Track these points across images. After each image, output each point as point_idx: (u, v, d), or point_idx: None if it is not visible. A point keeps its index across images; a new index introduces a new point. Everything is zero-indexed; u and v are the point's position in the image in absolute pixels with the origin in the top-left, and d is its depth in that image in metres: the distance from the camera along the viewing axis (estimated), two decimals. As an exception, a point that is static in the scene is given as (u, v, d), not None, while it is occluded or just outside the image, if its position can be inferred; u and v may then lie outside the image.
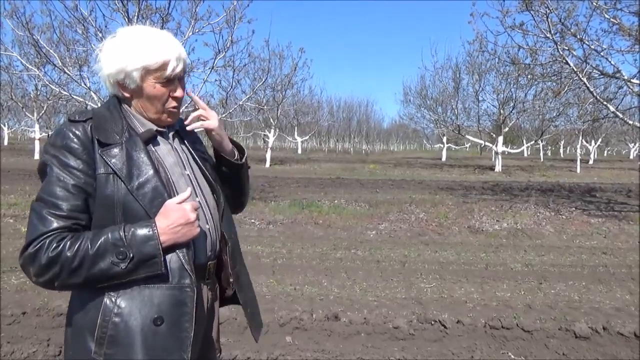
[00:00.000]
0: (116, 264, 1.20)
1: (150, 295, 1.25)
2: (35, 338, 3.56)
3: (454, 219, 8.87)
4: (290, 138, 35.30)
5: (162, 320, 1.25)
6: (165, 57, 1.32)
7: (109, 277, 1.21)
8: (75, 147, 1.27)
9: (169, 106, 1.40)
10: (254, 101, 16.21)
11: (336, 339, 3.76)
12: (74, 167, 1.26)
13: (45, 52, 7.71)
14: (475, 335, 3.88)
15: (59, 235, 1.20)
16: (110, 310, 1.23)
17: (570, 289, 5.13)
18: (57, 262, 1.18)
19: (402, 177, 17.96)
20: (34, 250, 1.19)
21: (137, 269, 1.22)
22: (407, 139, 69.99)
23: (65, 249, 1.19)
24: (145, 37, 1.33)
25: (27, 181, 12.54)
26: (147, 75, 1.33)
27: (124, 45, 1.33)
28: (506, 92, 21.67)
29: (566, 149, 49.39)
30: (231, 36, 8.36)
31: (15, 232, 6.88)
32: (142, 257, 1.22)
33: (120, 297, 1.24)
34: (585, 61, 9.54)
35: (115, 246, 1.20)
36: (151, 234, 1.23)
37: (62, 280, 1.20)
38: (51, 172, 1.26)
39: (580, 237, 7.71)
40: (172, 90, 1.38)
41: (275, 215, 8.77)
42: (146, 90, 1.36)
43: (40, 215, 1.22)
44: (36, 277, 1.22)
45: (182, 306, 1.27)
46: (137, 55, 1.31)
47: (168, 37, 1.37)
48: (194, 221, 1.28)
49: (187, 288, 1.28)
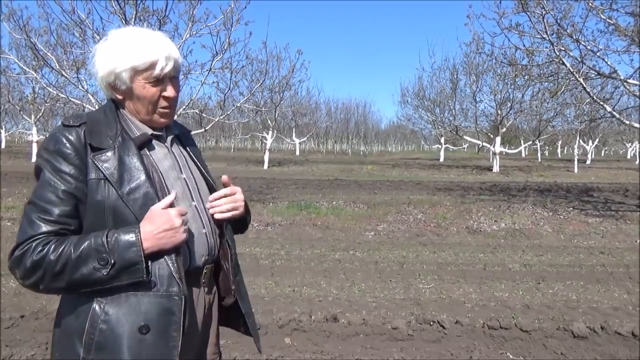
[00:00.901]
0: (98, 269, 1.19)
1: (138, 303, 1.23)
2: (33, 341, 3.56)
3: (452, 219, 8.89)
4: (288, 139, 35.32)
5: (147, 329, 1.22)
6: (153, 57, 1.30)
7: (91, 283, 1.20)
8: (67, 152, 1.26)
9: (160, 106, 1.38)
10: (252, 103, 16.22)
11: (335, 340, 3.76)
12: (65, 172, 1.25)
13: (42, 55, 7.71)
14: (473, 335, 3.88)
15: (45, 239, 1.20)
16: (98, 317, 1.22)
17: (568, 288, 5.15)
18: (40, 266, 1.18)
19: (400, 178, 17.98)
20: (20, 253, 1.20)
21: (119, 275, 1.20)
22: (405, 140, 70.00)
23: (49, 252, 1.18)
24: (134, 38, 1.33)
25: (24, 184, 12.51)
26: (136, 76, 1.32)
27: (113, 47, 1.33)
28: (503, 93, 21.70)
29: (564, 149, 49.45)
30: (228, 38, 8.38)
31: (13, 235, 6.85)
32: (124, 263, 1.20)
33: (108, 304, 1.23)
34: (582, 61, 9.58)
35: (98, 252, 1.19)
36: (134, 240, 1.21)
37: (46, 284, 1.20)
38: (43, 176, 1.26)
39: (578, 237, 7.73)
40: (162, 90, 1.36)
41: (274, 217, 8.77)
42: (136, 91, 1.34)
43: (29, 219, 1.22)
44: (22, 280, 1.22)
45: (170, 315, 1.25)
46: (125, 56, 1.30)
47: (157, 37, 1.36)
48: (178, 227, 1.25)
49: (175, 296, 1.26)
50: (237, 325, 1.60)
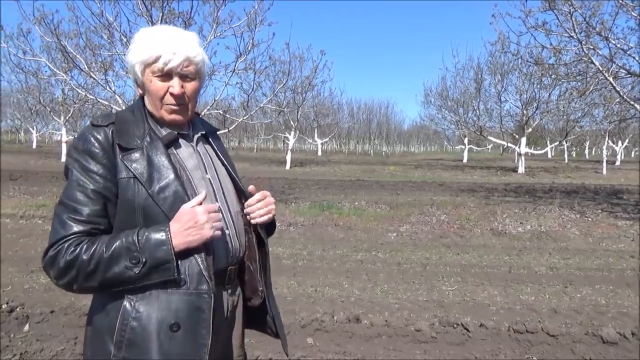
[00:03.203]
0: (129, 268, 1.20)
1: (168, 300, 1.25)
2: (63, 336, 3.65)
3: (476, 221, 8.77)
4: (310, 140, 35.38)
5: (178, 326, 1.24)
6: (158, 51, 1.31)
7: (123, 282, 1.22)
8: (96, 151, 1.28)
9: (167, 102, 1.36)
10: (275, 103, 16.32)
11: (357, 341, 3.75)
12: (94, 172, 1.27)
13: (72, 57, 7.91)
14: (498, 339, 3.82)
15: (77, 239, 1.22)
16: (129, 314, 1.24)
17: (597, 292, 5.02)
18: (74, 266, 1.20)
19: (422, 179, 17.83)
20: (54, 253, 1.22)
21: (150, 274, 1.22)
22: (428, 140, 69.37)
23: (82, 252, 1.20)
24: (148, 34, 1.36)
25: (54, 183, 12.87)
26: (145, 69, 1.34)
27: (134, 44, 1.37)
28: (529, 93, 21.34)
29: (592, 150, 48.32)
30: (252, 39, 8.44)
31: (44, 232, 7.06)
32: (155, 261, 1.22)
33: (139, 302, 1.24)
34: (612, 60, 9.35)
35: (129, 250, 1.21)
36: (164, 239, 1.23)
37: (79, 284, 1.22)
38: (72, 176, 1.28)
39: (606, 240, 7.54)
40: (169, 85, 1.35)
41: (296, 217, 8.80)
42: (146, 85, 1.36)
43: (61, 220, 1.25)
44: (56, 280, 1.24)
45: (199, 312, 1.26)
46: (138, 50, 1.34)
47: (171, 32, 1.36)
48: (204, 223, 1.26)
49: (205, 294, 1.27)
50: (263, 327, 1.61)
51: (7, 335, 3.61)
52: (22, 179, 13.79)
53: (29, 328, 3.76)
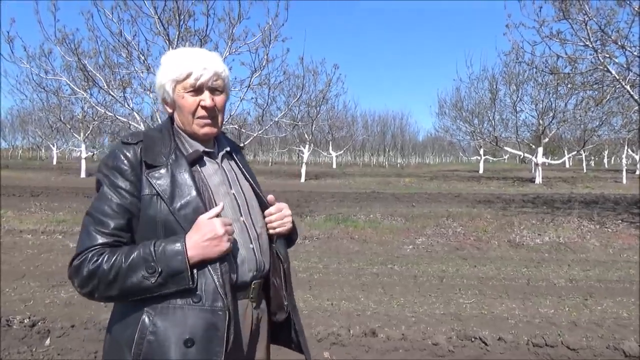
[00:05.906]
0: (146, 277, 1.25)
1: (184, 316, 1.28)
2: (83, 350, 3.70)
3: (493, 232, 8.68)
4: (325, 153, 35.52)
5: (192, 342, 1.26)
6: (189, 68, 1.39)
7: (141, 291, 1.26)
8: (124, 168, 1.35)
9: (198, 116, 1.42)
10: (289, 117, 16.41)
11: (374, 355, 3.73)
12: (121, 188, 1.33)
13: (91, 76, 8.10)
14: (517, 352, 3.77)
15: (100, 249, 1.28)
16: (146, 328, 1.27)
17: (618, 305, 4.92)
18: (95, 275, 1.25)
19: (438, 191, 17.72)
20: (79, 262, 1.28)
21: (166, 283, 1.26)
22: (443, 151, 69.02)
23: (103, 262, 1.25)
24: (177, 54, 1.45)
25: (74, 199, 13.10)
26: (177, 86, 1.42)
27: (162, 66, 1.46)
28: (545, 102, 21.17)
29: (610, 159, 47.50)
30: (267, 55, 8.53)
31: (64, 247, 7.19)
32: (170, 271, 1.25)
33: (157, 316, 1.28)
34: (628, 68, 9.26)
35: (146, 260, 1.25)
36: (179, 249, 1.27)
37: (101, 292, 1.28)
38: (102, 190, 1.35)
39: (627, 251, 7.39)
40: (201, 100, 1.42)
41: (311, 230, 8.81)
42: (178, 102, 1.43)
43: (87, 231, 1.31)
44: (80, 289, 1.30)
45: (213, 329, 1.28)
46: (168, 69, 1.43)
47: (198, 52, 1.45)
48: (221, 235, 1.29)
49: (220, 311, 1.29)
50: (287, 342, 1.64)
51: (29, 350, 3.67)
52: (43, 195, 14.08)
53: (50, 342, 3.83)
